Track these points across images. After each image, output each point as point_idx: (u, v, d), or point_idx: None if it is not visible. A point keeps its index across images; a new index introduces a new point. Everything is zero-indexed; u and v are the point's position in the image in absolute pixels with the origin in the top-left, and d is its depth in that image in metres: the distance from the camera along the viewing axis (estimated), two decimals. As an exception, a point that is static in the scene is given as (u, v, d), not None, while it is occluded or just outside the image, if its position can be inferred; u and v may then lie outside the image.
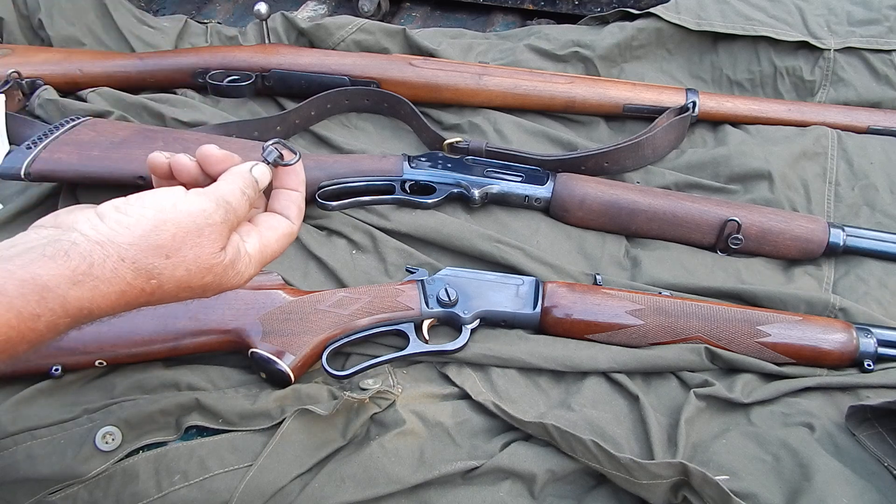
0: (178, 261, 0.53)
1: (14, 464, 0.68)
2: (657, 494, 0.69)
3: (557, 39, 1.24)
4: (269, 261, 0.62)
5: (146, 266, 0.51)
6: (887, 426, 0.75)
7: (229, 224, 0.57)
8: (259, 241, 0.61)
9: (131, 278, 0.51)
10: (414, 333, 0.82)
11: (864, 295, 0.93)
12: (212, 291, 0.57)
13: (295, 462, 0.71)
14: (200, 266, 0.54)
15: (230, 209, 0.57)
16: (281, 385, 0.77)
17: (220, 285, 0.57)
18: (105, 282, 0.49)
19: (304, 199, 0.66)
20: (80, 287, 0.48)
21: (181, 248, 0.53)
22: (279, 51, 1.17)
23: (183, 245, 0.53)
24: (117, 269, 0.50)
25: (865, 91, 1.20)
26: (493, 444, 0.74)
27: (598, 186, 0.99)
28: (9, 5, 1.23)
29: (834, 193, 1.07)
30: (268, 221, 0.63)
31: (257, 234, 0.61)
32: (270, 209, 0.64)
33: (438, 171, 1.00)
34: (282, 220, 0.63)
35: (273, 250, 0.62)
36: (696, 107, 1.13)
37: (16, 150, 0.93)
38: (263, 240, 0.61)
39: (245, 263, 0.59)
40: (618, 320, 0.83)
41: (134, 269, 0.51)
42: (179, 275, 0.53)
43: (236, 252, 0.58)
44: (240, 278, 0.58)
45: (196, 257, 0.54)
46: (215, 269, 0.56)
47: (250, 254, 0.59)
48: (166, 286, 0.53)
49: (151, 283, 0.52)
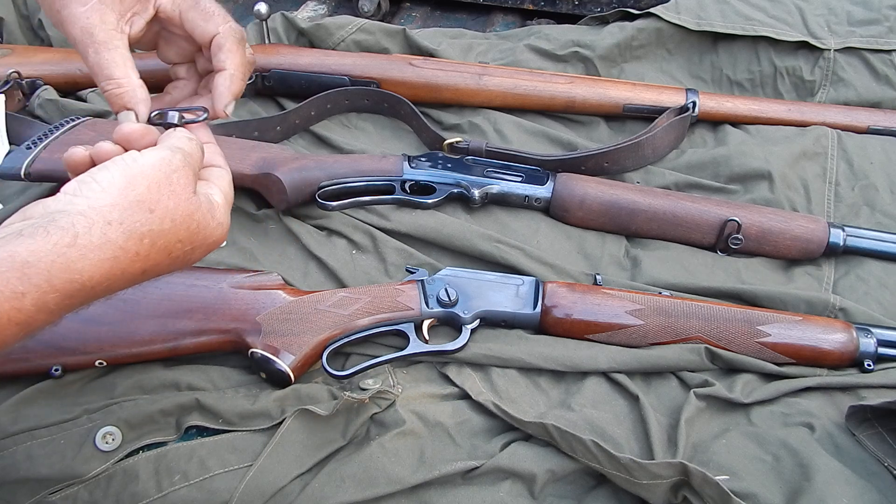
0: (162, 213, 0.52)
1: (14, 464, 0.68)
2: (657, 494, 0.69)
3: (557, 39, 1.24)
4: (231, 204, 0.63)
5: (134, 224, 0.51)
6: (887, 426, 0.75)
7: (191, 167, 0.57)
8: (219, 190, 0.61)
9: (122, 241, 0.50)
10: (414, 333, 0.82)
11: (864, 295, 0.93)
12: (201, 245, 0.57)
13: (295, 462, 0.71)
14: (183, 213, 0.54)
15: (185, 153, 0.57)
16: (281, 385, 0.78)
17: (206, 235, 0.57)
18: (95, 249, 0.48)
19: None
20: (67, 258, 0.47)
21: (160, 198, 0.53)
22: (279, 51, 1.17)
23: (160, 195, 0.53)
24: (106, 233, 0.49)
25: (865, 91, 1.20)
26: (493, 444, 0.74)
27: (598, 186, 0.99)
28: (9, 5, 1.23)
29: (834, 193, 1.07)
30: (212, 173, 0.63)
31: (215, 186, 0.61)
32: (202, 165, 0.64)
33: (438, 171, 1.00)
34: (219, 169, 0.64)
35: (231, 193, 0.63)
36: (696, 107, 1.13)
37: (16, 150, 0.93)
38: (222, 188, 0.62)
39: (221, 212, 0.59)
40: (618, 320, 0.83)
41: (123, 231, 0.50)
42: (167, 227, 0.53)
43: (208, 200, 0.58)
44: (221, 229, 0.59)
45: (176, 205, 0.54)
46: (196, 216, 0.56)
47: (220, 203, 0.60)
48: (159, 243, 0.52)
49: (144, 242, 0.51)
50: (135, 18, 0.65)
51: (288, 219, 0.96)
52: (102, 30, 0.62)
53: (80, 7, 0.61)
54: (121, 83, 0.63)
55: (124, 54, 0.63)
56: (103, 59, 0.62)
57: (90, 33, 0.61)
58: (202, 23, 0.66)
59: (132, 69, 0.64)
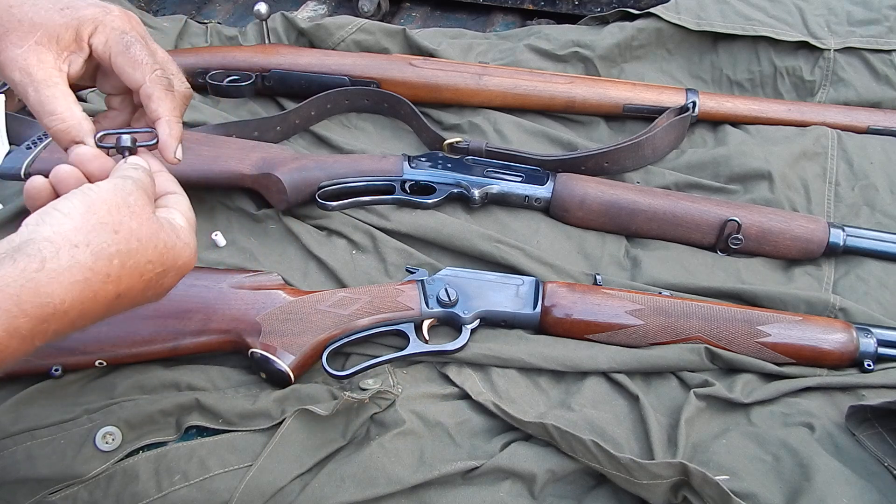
0: (126, 232, 0.53)
1: (14, 464, 0.68)
2: (657, 494, 0.69)
3: (557, 39, 1.24)
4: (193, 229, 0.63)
5: (100, 245, 0.51)
6: (887, 426, 0.75)
7: (144, 190, 0.58)
8: (180, 214, 0.62)
9: (91, 262, 0.50)
10: (414, 333, 0.82)
11: (864, 295, 0.93)
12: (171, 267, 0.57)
13: (295, 462, 0.71)
14: (147, 233, 0.55)
15: (135, 179, 0.58)
16: (281, 385, 0.78)
17: (175, 256, 0.57)
18: (64, 272, 0.48)
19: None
20: (36, 283, 0.47)
21: (121, 219, 0.53)
22: (279, 51, 1.17)
23: (121, 216, 0.53)
24: (73, 255, 0.49)
25: (865, 91, 1.20)
26: (493, 444, 0.74)
27: (598, 186, 0.99)
28: (9, 5, 1.23)
29: (834, 193, 1.07)
30: (169, 199, 0.63)
31: (174, 210, 0.62)
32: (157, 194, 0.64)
33: (438, 171, 1.00)
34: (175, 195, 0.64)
35: (191, 216, 0.63)
36: (696, 107, 1.13)
37: (16, 150, 0.93)
38: (182, 212, 0.62)
39: (186, 234, 0.60)
40: (618, 320, 0.83)
41: (91, 252, 0.50)
42: (134, 247, 0.53)
43: (170, 223, 0.59)
44: (189, 249, 0.59)
45: (139, 225, 0.54)
46: (160, 235, 0.56)
47: (182, 225, 0.60)
48: (128, 263, 0.53)
49: (114, 263, 0.51)
50: (72, 57, 0.65)
51: (288, 219, 0.96)
52: (41, 69, 0.62)
53: (17, 49, 0.61)
54: (64, 118, 0.62)
55: (64, 91, 0.63)
56: (44, 97, 0.62)
57: (28, 73, 0.62)
58: (130, 70, 0.65)
59: (74, 104, 0.63)
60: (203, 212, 0.98)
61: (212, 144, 0.97)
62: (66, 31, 0.63)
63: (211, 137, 0.99)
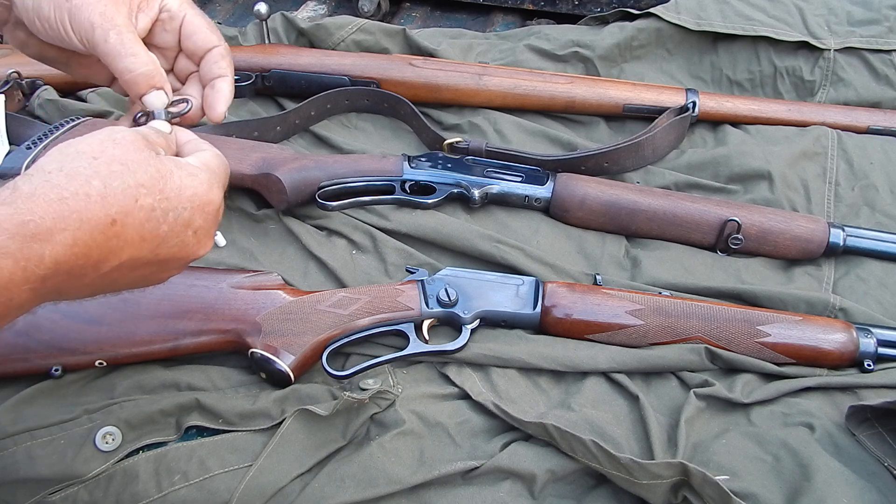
0: (107, 158, 0.51)
1: (14, 464, 0.68)
2: (657, 494, 0.69)
3: (557, 39, 1.24)
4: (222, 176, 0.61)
5: (75, 167, 0.50)
6: (887, 426, 0.75)
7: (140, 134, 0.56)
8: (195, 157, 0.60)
9: (65, 182, 0.49)
10: (414, 333, 0.82)
11: (864, 295, 0.93)
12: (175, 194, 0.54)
13: (295, 462, 0.71)
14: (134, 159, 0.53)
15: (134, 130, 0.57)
16: (281, 385, 0.78)
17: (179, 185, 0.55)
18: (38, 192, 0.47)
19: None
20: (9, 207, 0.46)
21: (104, 149, 0.52)
22: (279, 51, 1.17)
23: (104, 147, 0.52)
24: (46, 179, 0.48)
25: (865, 91, 1.20)
26: (493, 445, 0.74)
27: (598, 186, 0.99)
28: (9, 5, 1.23)
29: (834, 193, 1.07)
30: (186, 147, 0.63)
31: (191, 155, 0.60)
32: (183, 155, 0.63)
33: (438, 171, 1.00)
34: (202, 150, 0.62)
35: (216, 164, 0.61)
36: (696, 107, 1.13)
37: (16, 150, 0.93)
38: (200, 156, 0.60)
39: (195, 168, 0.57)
40: (618, 320, 0.83)
41: (65, 174, 0.49)
42: (117, 169, 0.51)
43: (172, 159, 0.57)
44: (198, 180, 0.57)
45: (124, 152, 0.53)
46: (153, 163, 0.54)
47: (195, 164, 0.58)
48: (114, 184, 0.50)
49: (93, 184, 0.50)
50: (140, 15, 0.65)
51: (288, 219, 0.96)
52: (119, 15, 0.63)
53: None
54: (146, 61, 0.63)
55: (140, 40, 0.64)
56: (126, 39, 0.62)
57: (109, 17, 0.62)
58: (207, 31, 0.67)
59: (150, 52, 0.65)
60: (203, 212, 0.98)
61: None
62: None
63: (211, 137, 0.99)
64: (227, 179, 0.63)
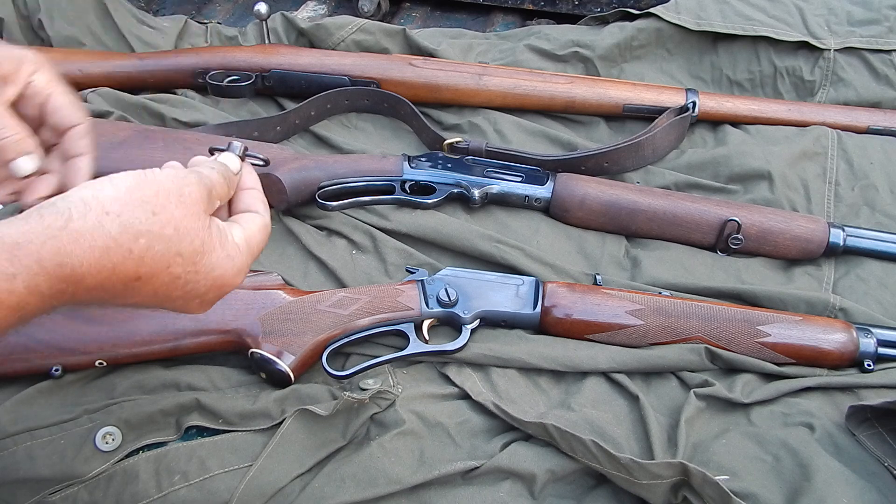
0: (165, 218, 0.52)
1: (14, 464, 0.68)
2: (657, 494, 0.69)
3: (557, 39, 1.24)
4: (257, 253, 0.62)
5: (132, 220, 0.50)
6: (887, 426, 0.75)
7: (206, 189, 0.56)
8: (242, 231, 0.60)
9: (116, 233, 0.49)
10: (414, 333, 0.82)
11: (864, 295, 0.93)
12: (205, 271, 0.55)
13: (295, 462, 0.71)
14: (189, 226, 0.53)
15: (203, 177, 0.57)
16: (281, 385, 0.78)
17: (213, 264, 0.55)
18: (87, 235, 0.48)
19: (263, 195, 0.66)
20: (58, 242, 0.47)
21: (166, 205, 0.52)
22: (279, 51, 1.17)
23: (168, 202, 0.52)
24: (101, 221, 0.48)
25: (865, 91, 1.20)
26: (493, 445, 0.74)
27: (598, 186, 0.99)
28: (9, 5, 1.23)
29: (834, 193, 1.07)
30: (242, 216, 0.63)
31: (238, 226, 0.61)
32: (236, 211, 0.64)
33: (438, 171, 1.00)
34: (254, 214, 0.63)
35: (258, 241, 0.62)
36: (696, 107, 1.13)
37: (16, 150, 0.93)
38: (246, 231, 0.61)
39: (235, 250, 0.58)
40: (618, 320, 0.83)
41: (120, 223, 0.49)
42: (168, 234, 0.52)
43: (221, 232, 0.57)
44: (232, 264, 0.57)
45: (183, 215, 0.53)
46: (203, 236, 0.54)
47: (237, 243, 0.59)
48: (156, 247, 0.51)
49: (140, 242, 0.50)
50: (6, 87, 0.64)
51: (288, 219, 0.96)
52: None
53: None
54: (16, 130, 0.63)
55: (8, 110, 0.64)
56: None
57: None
58: (71, 109, 0.66)
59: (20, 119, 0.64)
60: (203, 212, 0.98)
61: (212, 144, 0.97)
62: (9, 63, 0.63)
63: (211, 137, 0.99)
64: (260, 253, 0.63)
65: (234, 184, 0.63)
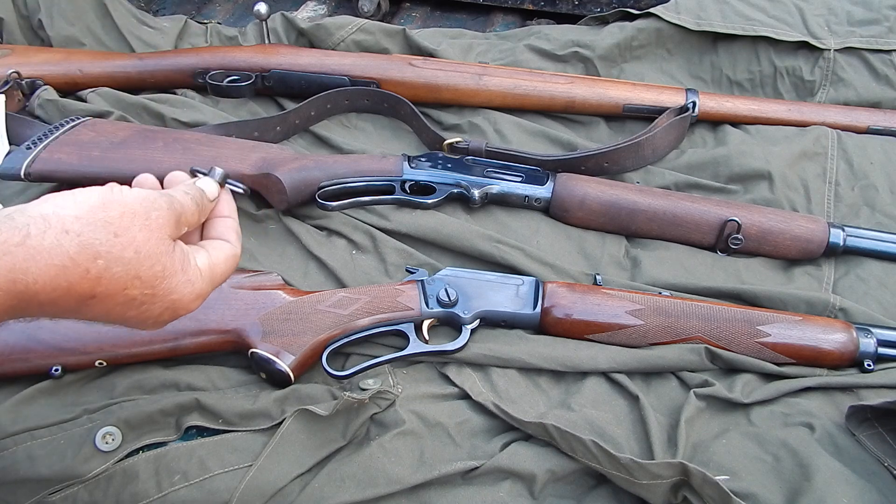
0: (126, 241, 0.51)
1: (14, 464, 0.68)
2: (657, 494, 0.69)
3: (557, 39, 1.24)
4: (220, 283, 0.61)
5: (92, 241, 0.49)
6: (887, 426, 0.75)
7: (175, 214, 0.56)
8: (208, 258, 0.59)
9: (75, 252, 0.48)
10: (414, 333, 0.82)
11: (864, 295, 0.93)
12: (162, 297, 0.54)
13: (295, 462, 0.71)
14: (151, 250, 0.52)
15: (174, 201, 0.56)
16: (281, 385, 0.78)
17: (171, 288, 0.54)
18: (43, 252, 0.46)
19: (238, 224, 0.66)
20: (13, 257, 0.45)
21: (130, 227, 0.51)
22: (279, 51, 1.17)
23: (132, 225, 0.51)
24: (59, 240, 0.47)
25: (865, 91, 1.20)
26: (493, 445, 0.74)
27: (598, 186, 0.99)
28: (9, 5, 1.23)
29: (834, 193, 1.07)
30: (211, 243, 0.62)
31: (205, 252, 0.60)
32: (207, 237, 0.63)
33: (438, 171, 1.00)
34: (224, 242, 0.62)
35: (222, 270, 0.61)
36: (695, 107, 1.13)
37: (16, 150, 0.93)
38: (212, 258, 0.60)
39: (196, 275, 0.57)
40: (618, 320, 0.83)
41: (79, 244, 0.48)
42: (128, 257, 0.50)
43: (185, 257, 0.56)
44: (192, 288, 0.56)
45: (146, 239, 0.52)
46: (164, 261, 0.53)
47: (200, 268, 0.58)
48: (114, 269, 0.50)
49: (98, 263, 0.49)
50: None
51: (288, 219, 0.96)
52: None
53: None
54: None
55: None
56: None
57: None
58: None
59: None
60: (203, 212, 0.98)
61: (212, 145, 0.97)
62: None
63: (211, 137, 0.99)
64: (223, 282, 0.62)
65: (208, 210, 0.62)
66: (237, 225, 0.65)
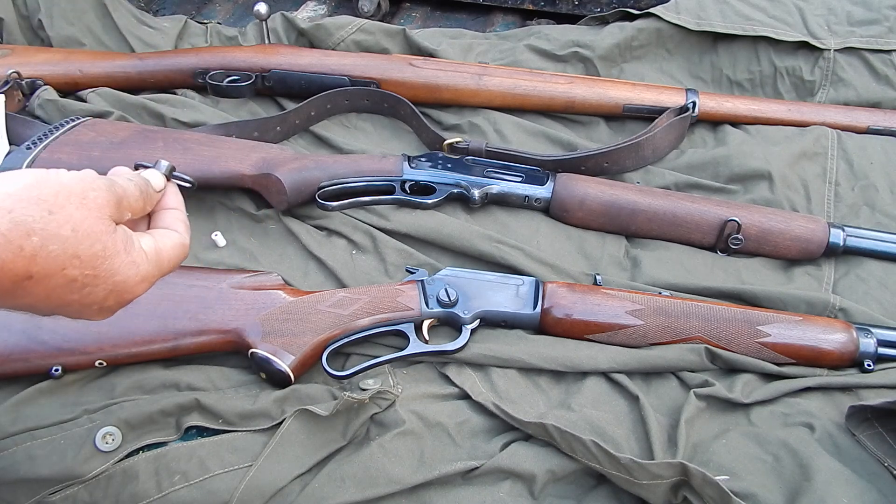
0: (62, 218, 0.49)
1: (14, 464, 0.68)
2: (657, 494, 0.69)
3: (557, 39, 1.24)
4: (167, 269, 0.60)
5: (24, 217, 0.47)
6: (887, 426, 0.75)
7: (116, 197, 0.55)
8: (154, 242, 0.58)
9: (6, 228, 0.46)
10: (414, 334, 0.82)
11: (864, 295, 0.93)
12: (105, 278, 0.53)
13: (295, 462, 0.71)
14: (88, 230, 0.51)
15: (115, 184, 0.55)
16: (281, 385, 0.78)
17: (114, 269, 0.53)
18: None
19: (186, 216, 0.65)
20: None
21: (65, 205, 0.50)
22: (279, 51, 1.17)
23: (67, 203, 0.50)
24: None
25: (865, 91, 1.20)
26: (493, 445, 0.74)
27: (598, 186, 0.99)
28: (9, 5, 1.23)
29: (834, 193, 1.07)
30: (158, 231, 0.61)
31: (150, 237, 0.59)
32: (154, 227, 0.62)
33: (438, 171, 1.00)
34: (171, 231, 0.62)
35: (170, 256, 0.60)
36: (695, 107, 1.13)
37: (16, 150, 0.93)
38: (158, 243, 0.59)
39: (141, 257, 0.56)
40: (618, 320, 0.83)
41: (11, 219, 0.47)
42: (65, 234, 0.49)
43: (128, 238, 0.55)
44: (136, 270, 0.55)
45: (83, 218, 0.51)
46: (104, 240, 0.52)
47: (146, 251, 0.57)
48: (50, 247, 0.49)
49: (32, 240, 0.48)
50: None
51: (288, 219, 0.96)
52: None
53: None
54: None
55: None
56: None
57: None
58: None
59: None
60: (203, 212, 0.98)
61: (212, 145, 0.97)
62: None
63: (211, 138, 0.99)
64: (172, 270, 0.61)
65: (154, 200, 0.62)
66: (185, 217, 0.64)
